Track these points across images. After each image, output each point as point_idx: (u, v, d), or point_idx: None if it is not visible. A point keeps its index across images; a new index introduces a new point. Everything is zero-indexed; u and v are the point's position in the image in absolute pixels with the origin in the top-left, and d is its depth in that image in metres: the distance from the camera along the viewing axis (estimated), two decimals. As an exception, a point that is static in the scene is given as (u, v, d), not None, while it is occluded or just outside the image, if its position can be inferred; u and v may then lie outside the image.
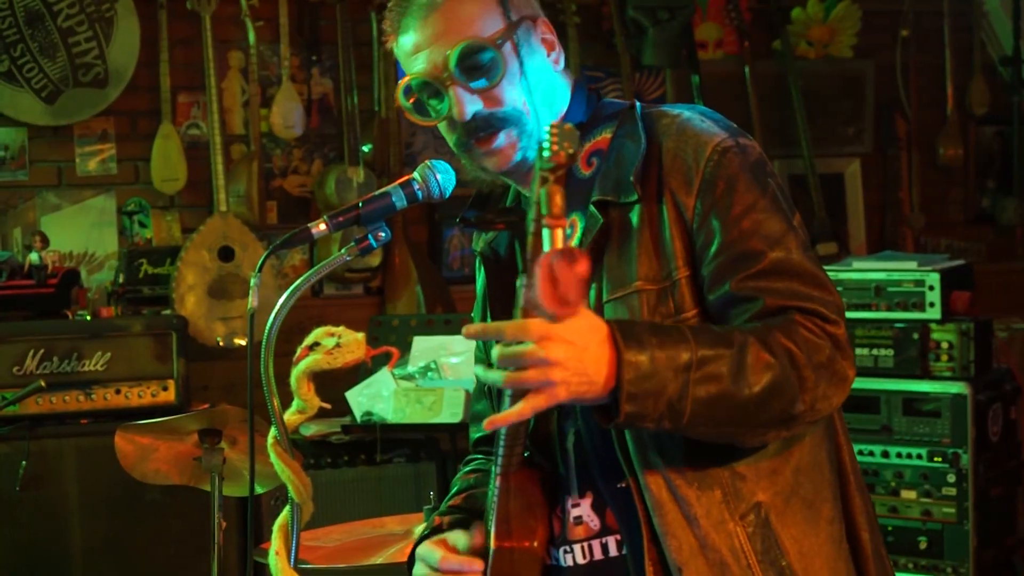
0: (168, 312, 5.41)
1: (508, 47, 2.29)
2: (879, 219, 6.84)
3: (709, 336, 2.08)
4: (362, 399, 4.88)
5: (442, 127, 2.37)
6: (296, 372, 2.48)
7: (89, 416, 4.97)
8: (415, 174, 2.42)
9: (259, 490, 3.36)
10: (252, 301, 2.39)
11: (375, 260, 5.75)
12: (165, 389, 5.05)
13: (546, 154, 1.87)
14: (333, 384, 2.83)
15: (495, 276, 2.44)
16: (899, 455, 4.81)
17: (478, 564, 2.34)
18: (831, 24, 6.57)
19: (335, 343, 2.50)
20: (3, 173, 5.59)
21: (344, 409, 4.94)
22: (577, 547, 2.30)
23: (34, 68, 5.53)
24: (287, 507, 2.51)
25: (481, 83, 2.27)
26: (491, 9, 2.30)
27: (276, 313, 2.34)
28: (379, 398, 4.84)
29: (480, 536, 2.38)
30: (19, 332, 4.98)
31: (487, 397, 2.53)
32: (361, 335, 2.47)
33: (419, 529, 2.53)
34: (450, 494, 2.59)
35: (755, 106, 6.32)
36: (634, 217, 2.21)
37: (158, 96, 5.65)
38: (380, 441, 4.98)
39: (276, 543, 2.52)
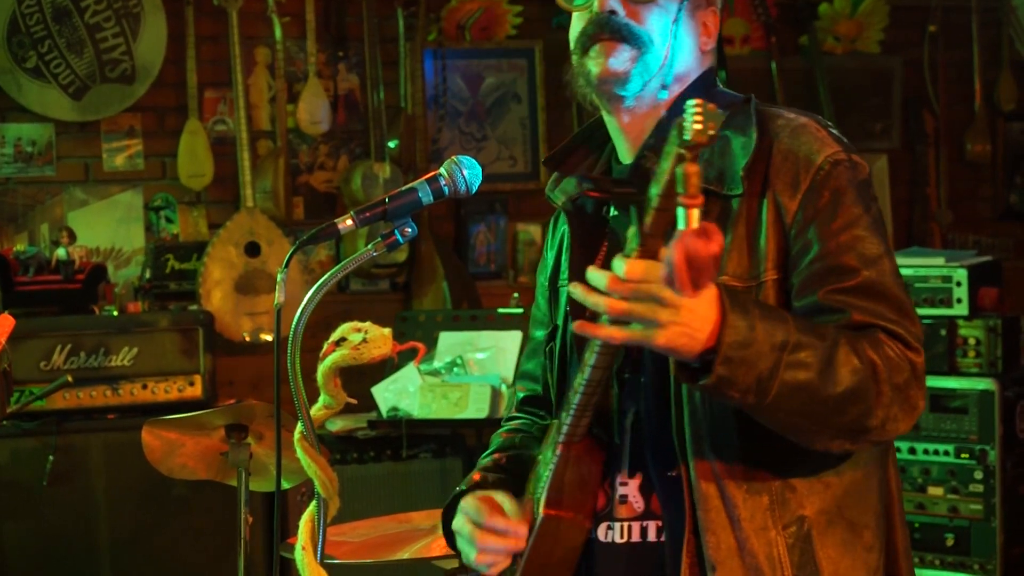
0: (195, 307, 5.43)
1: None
2: (906, 215, 6.80)
3: (806, 324, 2.05)
4: (388, 395, 4.89)
5: (575, 17, 2.35)
6: (323, 368, 2.48)
7: (116, 411, 4.99)
8: (441, 170, 2.41)
9: (286, 485, 3.36)
10: (279, 296, 2.39)
11: (401, 256, 5.76)
12: (192, 384, 5.06)
13: (687, 133, 1.82)
14: (359, 379, 2.85)
15: (580, 231, 2.39)
16: (926, 452, 4.78)
17: (523, 529, 2.31)
18: (858, 19, 6.54)
19: (361, 339, 2.50)
20: (31, 169, 5.60)
21: (370, 404, 4.95)
22: (619, 525, 2.28)
23: (61, 64, 5.55)
24: (313, 502, 2.52)
25: None
26: None
27: (303, 309, 2.33)
28: (405, 394, 4.85)
29: (527, 505, 2.35)
30: (46, 327, 4.99)
31: (544, 356, 2.50)
32: (387, 331, 2.47)
33: (463, 484, 2.49)
34: (490, 449, 2.57)
35: (782, 102, 6.28)
36: (733, 211, 2.19)
37: (185, 92, 5.66)
38: (406, 437, 4.99)
39: (302, 538, 2.52)
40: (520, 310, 5.07)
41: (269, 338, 5.51)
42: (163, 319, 5.18)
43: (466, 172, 2.41)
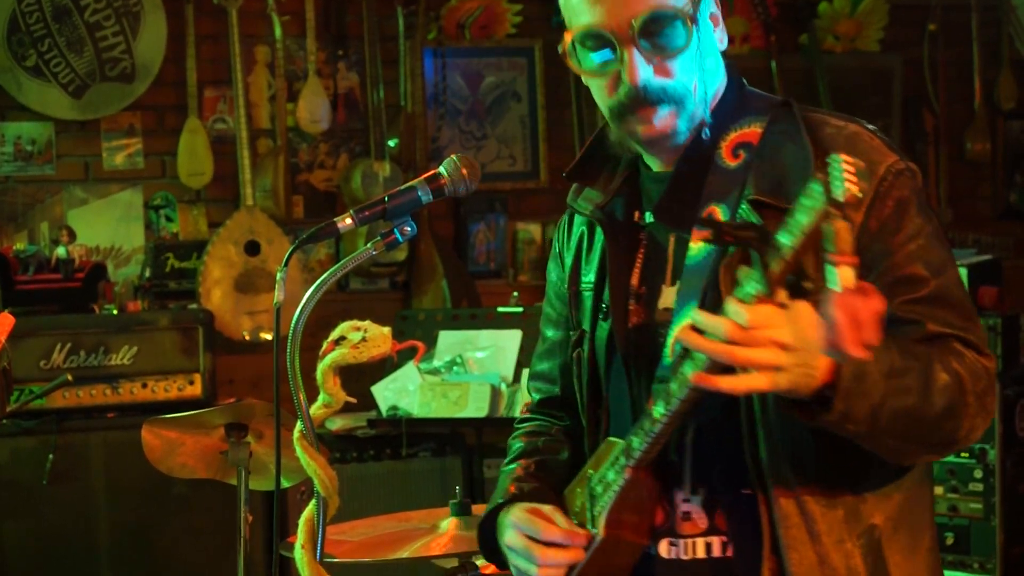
0: (194, 306, 5.44)
1: (690, 16, 2.19)
2: (906, 214, 6.80)
3: (902, 344, 2.03)
4: (388, 393, 4.89)
5: (594, 82, 2.27)
6: (322, 366, 2.48)
7: (115, 410, 4.99)
8: (441, 168, 2.40)
9: (285, 484, 3.36)
10: (278, 295, 2.39)
11: (401, 255, 5.76)
12: (191, 383, 5.06)
13: (839, 193, 1.78)
14: (359, 378, 2.85)
15: (613, 237, 2.34)
16: (926, 451, 4.79)
17: (582, 540, 2.28)
18: (858, 18, 6.53)
19: (361, 337, 2.50)
20: (30, 167, 5.60)
21: (370, 403, 4.95)
22: (683, 542, 2.25)
23: (61, 63, 5.55)
24: (313, 501, 2.52)
25: (661, 51, 2.18)
26: None
27: (302, 307, 2.33)
28: (405, 392, 4.85)
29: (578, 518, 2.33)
30: (46, 326, 4.99)
31: (572, 362, 2.46)
32: (387, 329, 2.47)
33: (499, 495, 2.47)
34: (512, 455, 2.55)
35: (782, 101, 6.30)
36: None
37: (185, 91, 5.66)
38: (406, 435, 4.99)
39: (302, 537, 2.52)
40: (520, 309, 5.06)
41: (269, 337, 5.52)
42: (163, 318, 5.18)
43: (465, 171, 2.42)
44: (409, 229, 2.38)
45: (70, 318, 5.10)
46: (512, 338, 4.87)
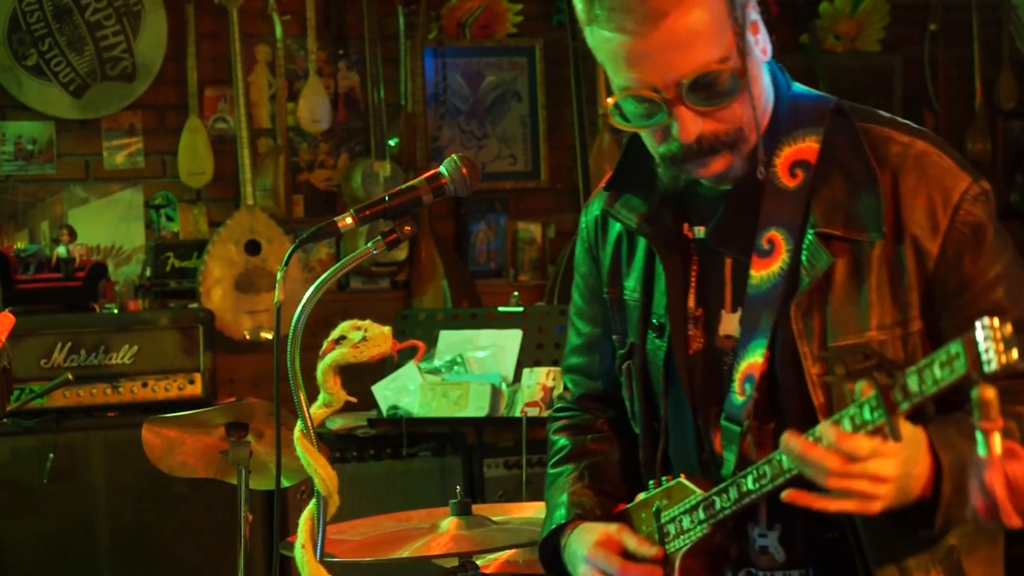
0: (195, 306, 5.44)
1: (738, 66, 2.07)
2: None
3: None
4: (388, 393, 4.89)
5: (645, 134, 2.16)
6: (322, 366, 2.47)
7: (116, 409, 4.99)
8: (442, 168, 2.38)
9: (285, 483, 3.36)
10: (279, 295, 2.38)
11: (401, 254, 5.77)
12: (192, 382, 5.06)
13: (986, 362, 1.72)
14: (359, 378, 2.85)
15: (663, 248, 2.24)
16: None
17: (658, 571, 2.24)
18: (859, 18, 6.53)
19: (361, 337, 2.49)
20: (31, 167, 5.61)
21: (370, 403, 4.94)
22: (761, 574, 2.22)
23: (62, 62, 5.56)
24: (313, 500, 2.51)
25: (711, 104, 2.07)
26: (720, 13, 2.05)
27: (303, 307, 2.31)
28: (405, 392, 4.85)
29: (646, 542, 2.27)
30: (46, 325, 5.00)
31: (597, 353, 2.45)
32: (387, 329, 2.46)
33: (559, 513, 2.41)
34: (561, 454, 2.50)
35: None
36: (864, 255, 2.07)
37: (185, 90, 5.66)
38: (406, 435, 4.98)
39: (302, 536, 2.52)
40: (520, 309, 5.05)
41: (269, 336, 5.52)
42: (163, 317, 5.19)
43: (466, 170, 2.42)
44: (410, 228, 2.36)
45: (70, 317, 5.10)
46: (513, 338, 4.87)
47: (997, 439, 1.73)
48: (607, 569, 2.24)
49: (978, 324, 1.70)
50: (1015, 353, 1.69)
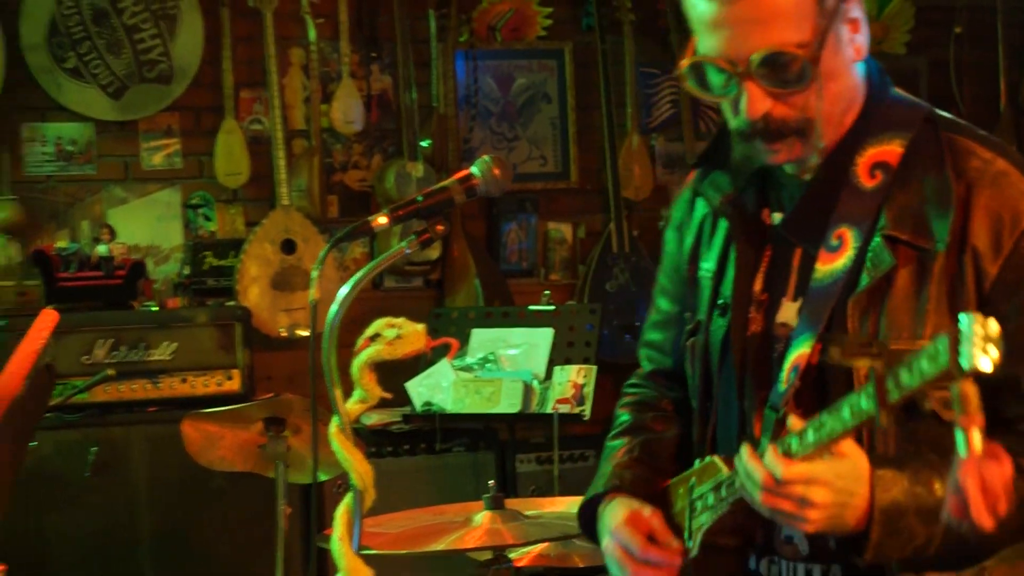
0: (232, 303, 5.46)
1: (813, 55, 2.05)
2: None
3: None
4: (422, 389, 4.89)
5: (724, 105, 2.16)
6: (357, 362, 2.49)
7: (156, 404, 5.02)
8: (474, 169, 2.38)
9: (322, 477, 3.39)
10: (314, 293, 2.40)
11: (434, 253, 5.77)
12: (230, 378, 5.09)
13: (965, 360, 1.69)
14: (393, 375, 2.87)
15: (740, 231, 2.25)
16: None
17: (677, 560, 2.25)
18: (884, 21, 6.50)
19: (396, 334, 2.51)
20: (71, 167, 5.64)
21: (404, 399, 4.94)
22: (784, 563, 2.20)
23: (100, 64, 5.59)
24: (349, 494, 2.53)
25: (780, 86, 2.06)
26: (806, 0, 2.04)
27: (339, 305, 2.33)
28: (439, 388, 4.85)
29: (670, 534, 2.29)
30: (88, 323, 5.02)
31: (673, 330, 2.44)
32: (421, 327, 2.47)
33: (599, 482, 2.43)
34: (620, 428, 2.51)
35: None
36: (928, 264, 2.04)
37: (221, 92, 5.69)
38: (440, 431, 5.00)
39: (339, 529, 2.53)
40: (551, 307, 5.06)
41: (305, 333, 5.54)
42: (201, 315, 5.22)
43: (497, 171, 2.43)
44: (442, 228, 2.37)
45: (111, 314, 5.13)
46: (544, 336, 4.87)
47: (975, 436, 1.71)
48: (630, 547, 2.26)
49: (963, 318, 1.68)
50: (995, 353, 1.67)
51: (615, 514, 2.32)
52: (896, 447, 2.04)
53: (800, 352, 2.10)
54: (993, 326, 1.67)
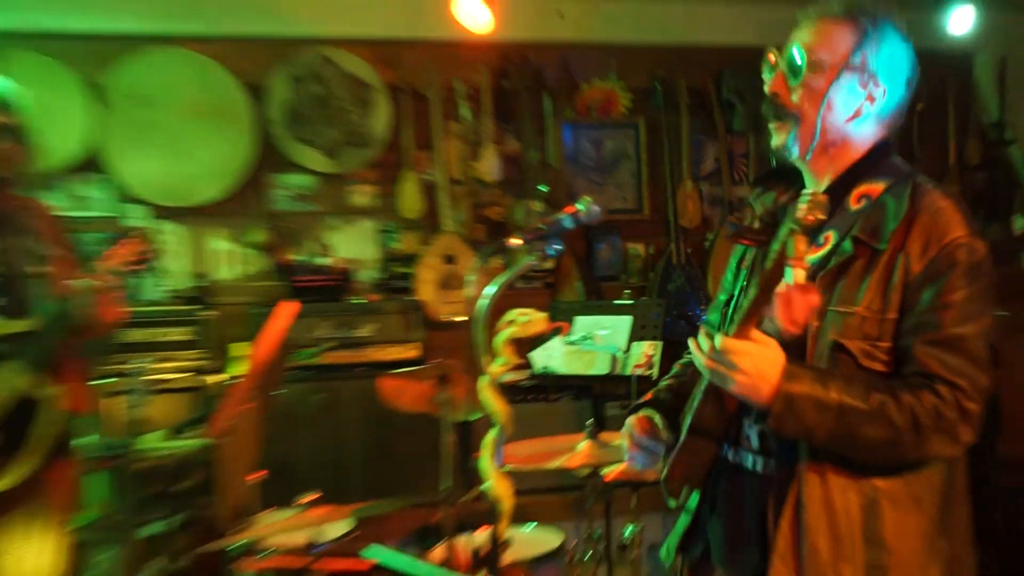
0: (412, 298, 5.49)
1: (827, 75, 2.06)
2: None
3: (859, 387, 1.93)
4: (541, 357, 4.88)
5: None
6: (499, 339, 2.51)
7: (361, 366, 5.04)
8: (578, 205, 2.40)
9: (474, 417, 3.40)
10: (469, 291, 2.43)
11: (550, 264, 5.78)
12: (412, 349, 5.12)
13: (798, 214, 1.77)
14: (523, 347, 2.86)
15: (760, 238, 2.23)
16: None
17: (661, 448, 2.26)
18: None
19: (525, 319, 2.53)
20: (302, 204, 5.67)
21: (529, 364, 4.93)
22: (743, 453, 2.15)
23: (321, 135, 5.62)
24: (494, 428, 2.57)
25: (789, 79, 2.10)
26: (844, 42, 2.07)
27: (487, 299, 2.37)
28: (552, 357, 4.81)
29: (665, 432, 2.30)
30: (316, 310, 5.07)
31: (719, 312, 2.38)
32: (542, 314, 2.50)
33: (645, 395, 2.48)
34: (670, 375, 2.51)
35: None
36: (875, 259, 2.00)
37: (403, 153, 5.70)
38: (553, 386, 5.03)
39: (486, 452, 2.57)
40: (631, 302, 5.04)
41: (462, 319, 5.56)
42: (391, 305, 5.24)
43: (593, 208, 2.44)
44: (557, 247, 2.41)
45: (330, 305, 5.17)
46: (625, 321, 4.83)
47: (800, 273, 1.78)
48: (632, 433, 2.32)
49: (803, 192, 1.74)
50: (820, 215, 1.76)
51: (635, 415, 2.36)
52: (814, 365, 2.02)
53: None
54: (822, 197, 1.79)
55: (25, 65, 5.09)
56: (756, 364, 1.94)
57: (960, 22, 5.26)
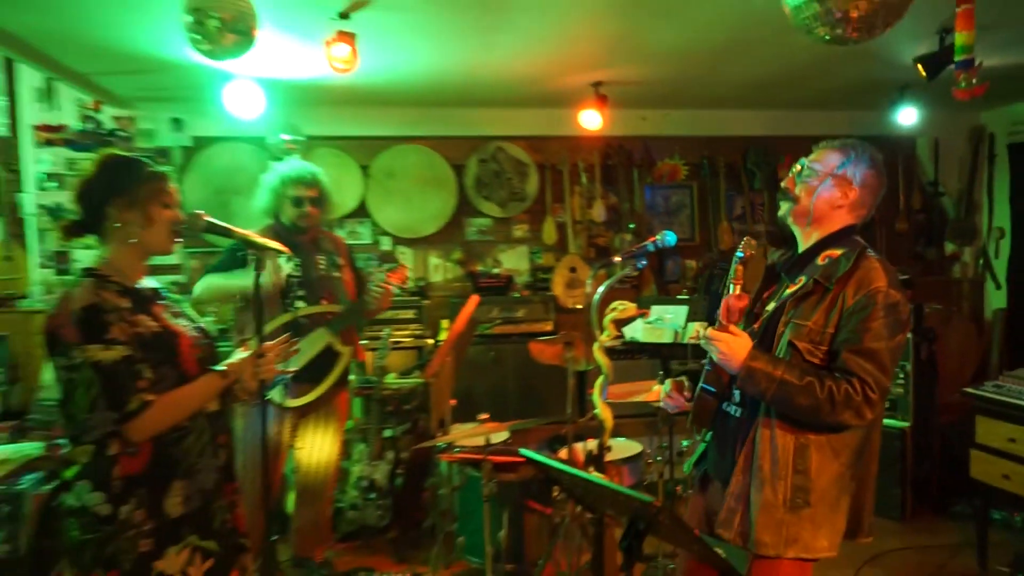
0: (549, 293, 5.46)
1: (819, 178, 2.03)
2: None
3: (797, 371, 1.91)
4: (629, 330, 4.85)
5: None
6: (606, 319, 2.49)
7: (518, 336, 5.03)
8: (656, 236, 2.39)
9: (586, 368, 3.37)
10: (587, 290, 2.41)
11: (635, 272, 5.63)
12: (548, 325, 5.10)
13: (739, 252, 1.86)
14: (620, 325, 2.83)
15: (766, 279, 2.18)
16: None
17: (683, 400, 2.21)
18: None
19: (623, 307, 2.50)
20: (485, 235, 5.67)
21: (623, 336, 4.90)
22: (731, 407, 2.10)
23: (495, 192, 5.63)
24: (601, 376, 2.53)
25: (798, 179, 2.06)
26: (833, 160, 2.04)
27: (598, 295, 2.34)
28: (637, 330, 4.78)
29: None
30: (490, 301, 5.09)
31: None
32: (634, 304, 2.47)
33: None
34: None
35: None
36: (826, 294, 1.97)
37: (545, 204, 5.68)
38: (637, 349, 4.88)
39: (596, 390, 2.54)
40: (687, 297, 4.91)
41: (581, 307, 5.51)
42: (536, 298, 5.23)
43: (667, 238, 2.39)
44: (643, 262, 2.40)
45: (499, 298, 5.15)
46: (683, 310, 4.75)
47: (738, 288, 1.88)
48: (668, 391, 2.26)
49: (745, 238, 1.83)
50: (751, 251, 1.84)
51: (672, 379, 2.30)
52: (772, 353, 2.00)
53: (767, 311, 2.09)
54: (754, 242, 1.89)
55: (325, 155, 5.27)
56: (730, 346, 1.94)
57: (907, 116, 5.11)
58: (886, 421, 4.34)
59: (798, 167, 2.08)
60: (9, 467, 2.83)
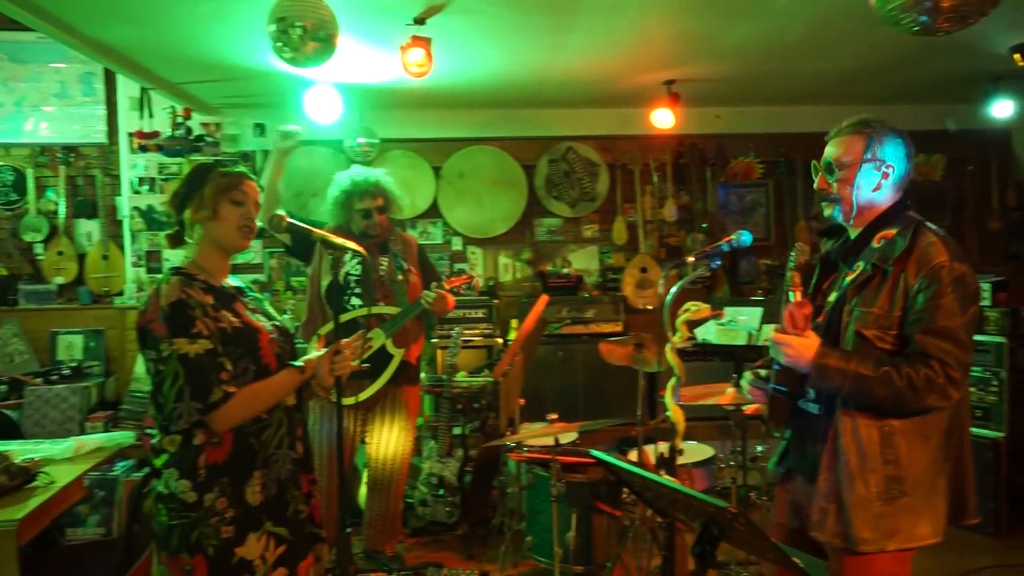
0: (619, 294, 5.41)
1: (852, 170, 1.99)
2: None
3: (870, 362, 1.87)
4: (701, 332, 4.77)
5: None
6: (679, 320, 2.45)
7: (587, 336, 5.02)
8: (731, 236, 2.33)
9: (657, 369, 3.33)
10: (659, 291, 2.39)
11: (708, 273, 5.54)
12: (618, 325, 5.06)
13: (792, 260, 1.83)
14: (692, 326, 2.81)
15: (824, 265, 2.14)
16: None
17: (763, 392, 2.16)
18: (931, 163, 5.77)
19: (696, 308, 2.46)
20: (554, 235, 5.66)
21: (696, 337, 4.82)
22: (808, 404, 2.06)
23: (567, 193, 5.63)
24: (673, 378, 2.50)
25: (829, 176, 2.02)
26: (858, 147, 1.98)
27: (669, 295, 2.31)
28: (709, 332, 4.70)
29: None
30: (560, 301, 5.08)
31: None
32: (707, 305, 2.43)
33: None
34: None
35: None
36: (887, 277, 1.93)
37: (616, 204, 5.64)
38: (711, 351, 4.80)
39: (667, 392, 2.50)
40: (762, 298, 4.81)
41: (651, 307, 5.46)
42: (606, 298, 5.20)
43: (742, 237, 2.34)
44: (717, 262, 2.35)
45: (568, 298, 5.14)
46: (758, 312, 4.64)
47: (798, 294, 1.84)
48: (750, 381, 2.23)
49: (795, 245, 1.76)
50: (804, 258, 1.78)
51: (752, 371, 2.27)
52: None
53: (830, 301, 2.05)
54: (806, 247, 1.81)
55: (398, 157, 5.37)
56: (797, 347, 1.91)
57: (1002, 109, 4.88)
58: (977, 431, 4.11)
59: (824, 166, 2.03)
60: (103, 455, 2.97)
